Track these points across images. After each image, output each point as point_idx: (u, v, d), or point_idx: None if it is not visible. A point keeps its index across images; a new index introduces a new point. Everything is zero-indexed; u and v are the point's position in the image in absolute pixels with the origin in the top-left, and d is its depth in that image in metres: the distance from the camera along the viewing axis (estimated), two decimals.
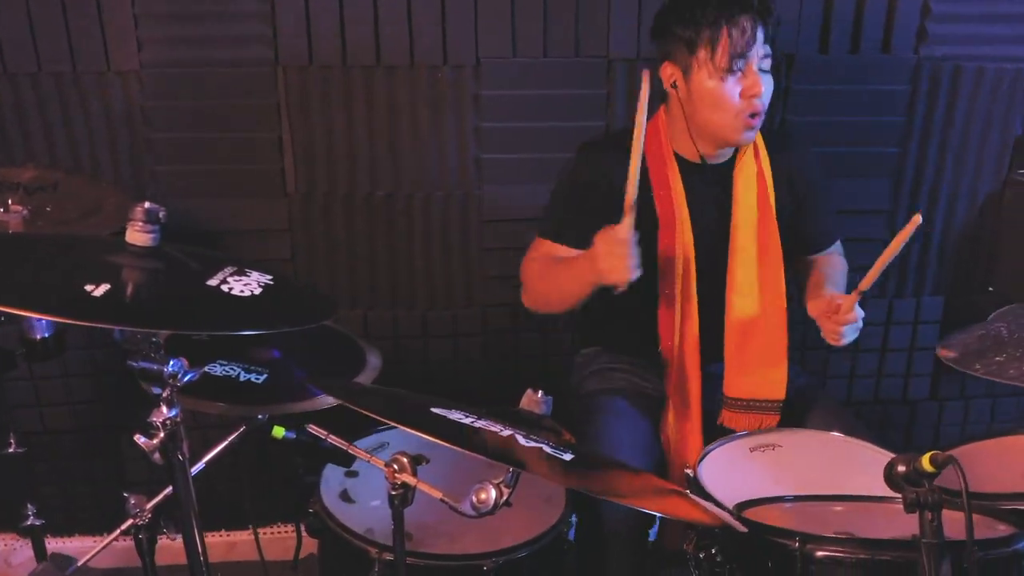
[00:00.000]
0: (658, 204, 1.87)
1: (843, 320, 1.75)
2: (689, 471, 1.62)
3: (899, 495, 1.19)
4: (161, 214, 1.17)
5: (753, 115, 1.78)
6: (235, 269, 1.21)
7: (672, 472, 1.88)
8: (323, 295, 1.39)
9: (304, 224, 2.35)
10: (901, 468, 1.03)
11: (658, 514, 1.25)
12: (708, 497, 1.53)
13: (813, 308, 1.86)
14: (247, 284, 1.16)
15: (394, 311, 2.45)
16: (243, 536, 2.58)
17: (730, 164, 1.92)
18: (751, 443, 1.72)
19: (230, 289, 1.14)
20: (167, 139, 2.24)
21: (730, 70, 1.74)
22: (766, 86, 1.77)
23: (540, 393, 1.10)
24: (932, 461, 1.00)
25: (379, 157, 2.29)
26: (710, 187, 1.91)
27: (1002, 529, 1.22)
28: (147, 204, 1.15)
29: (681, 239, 1.87)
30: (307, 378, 1.24)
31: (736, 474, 1.63)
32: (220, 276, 1.17)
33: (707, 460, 1.67)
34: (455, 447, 0.92)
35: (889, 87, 2.37)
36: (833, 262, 2.06)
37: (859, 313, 1.76)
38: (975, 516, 1.24)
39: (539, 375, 2.55)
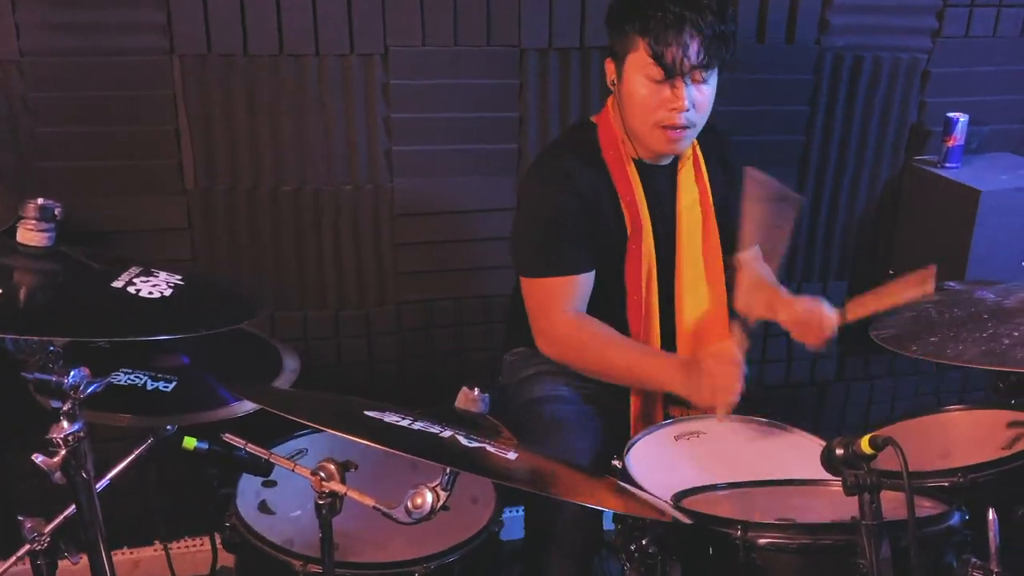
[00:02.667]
0: (626, 210, 1.81)
1: (826, 335, 1.74)
2: (617, 463, 1.60)
3: (829, 478, 1.20)
4: (57, 211, 1.07)
5: (674, 128, 1.72)
6: (141, 270, 1.11)
7: None
8: (243, 293, 1.30)
9: (205, 221, 2.23)
10: (839, 451, 1.03)
11: (608, 510, 1.21)
12: (638, 488, 1.51)
13: (784, 315, 1.81)
14: (156, 285, 1.08)
15: (304, 312, 2.36)
16: (149, 552, 2.44)
17: (674, 166, 1.87)
18: (675, 431, 1.72)
19: (138, 291, 1.04)
20: (53, 133, 2.08)
21: (660, 80, 1.67)
22: (700, 99, 1.71)
23: (477, 391, 1.05)
24: (871, 443, 1.00)
25: (284, 150, 2.20)
26: (661, 189, 1.86)
27: (928, 506, 1.25)
28: (41, 201, 1.04)
29: (646, 244, 1.82)
30: (229, 385, 1.16)
31: (664, 464, 1.62)
32: (126, 277, 1.08)
33: (634, 451, 1.65)
34: (404, 453, 0.86)
35: (793, 76, 2.42)
36: (762, 264, 2.01)
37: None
38: (903, 494, 1.26)
39: (458, 374, 2.49)
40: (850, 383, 2.79)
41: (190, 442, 1.33)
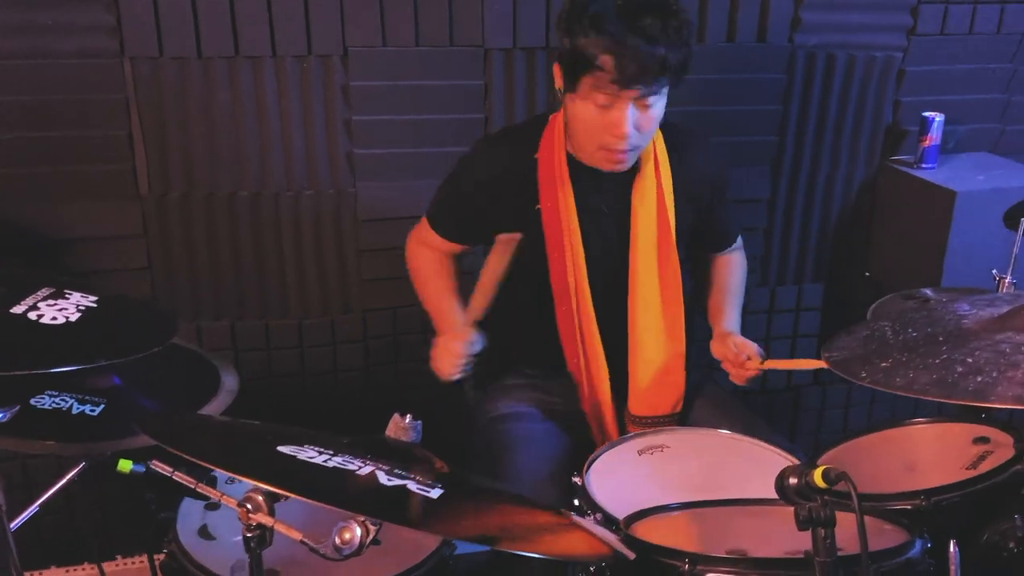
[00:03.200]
0: (545, 214, 1.74)
1: (748, 376, 1.78)
2: (577, 480, 1.55)
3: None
4: None
5: (616, 151, 1.65)
6: (52, 291, 1.05)
7: None
8: (163, 312, 1.23)
9: (161, 228, 2.16)
10: (792, 481, 0.97)
11: (538, 555, 1.14)
12: (596, 507, 1.46)
13: (717, 350, 1.85)
14: (62, 310, 1.01)
15: (266, 320, 2.30)
16: (81, 572, 2.37)
17: (630, 174, 1.75)
18: (639, 445, 1.67)
19: (40, 316, 0.98)
20: (1, 138, 2.02)
21: (599, 104, 1.59)
22: (644, 121, 1.62)
23: (408, 418, 0.99)
24: (824, 477, 0.95)
25: (242, 154, 2.13)
26: (607, 197, 1.77)
27: (888, 529, 1.19)
28: None
29: (572, 255, 1.74)
30: (136, 417, 1.09)
31: (625, 479, 1.57)
32: (29, 301, 1.01)
33: (595, 466, 1.60)
34: (300, 497, 0.80)
35: (765, 75, 2.36)
36: (733, 264, 2.00)
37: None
38: (869, 518, 1.21)
39: (426, 383, 2.43)
40: (827, 387, 2.75)
41: (125, 465, 1.27)
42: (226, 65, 2.06)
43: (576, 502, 1.52)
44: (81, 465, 1.28)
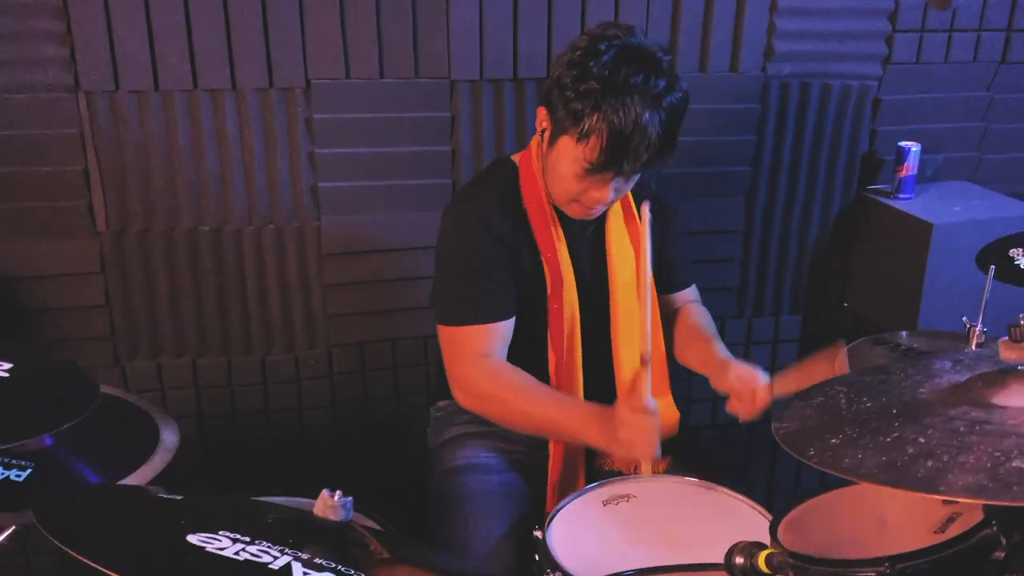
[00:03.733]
0: (547, 266, 1.67)
1: (760, 408, 1.60)
2: (538, 533, 1.49)
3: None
4: None
5: (592, 210, 1.63)
6: None
7: None
8: (83, 375, 1.16)
9: (119, 265, 2.11)
10: (739, 560, 0.93)
11: None
12: (556, 566, 1.41)
13: (720, 384, 1.66)
14: None
15: (228, 357, 2.24)
16: None
17: (602, 216, 1.72)
18: (605, 495, 1.60)
19: None
20: None
21: (586, 176, 1.55)
22: (623, 187, 1.61)
23: (337, 495, 0.92)
24: (768, 562, 0.90)
25: (202, 189, 2.08)
26: (585, 241, 1.73)
27: None
28: None
29: (568, 302, 1.68)
30: (34, 499, 1.01)
31: (588, 533, 1.51)
32: None
33: (558, 519, 1.54)
34: None
35: (739, 106, 2.32)
36: (701, 312, 1.90)
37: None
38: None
39: (394, 419, 2.39)
40: None
41: None
42: (185, 99, 2.01)
43: (537, 557, 1.46)
44: (11, 529, 1.22)
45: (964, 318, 1.62)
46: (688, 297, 1.93)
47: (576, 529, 1.52)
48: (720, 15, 2.22)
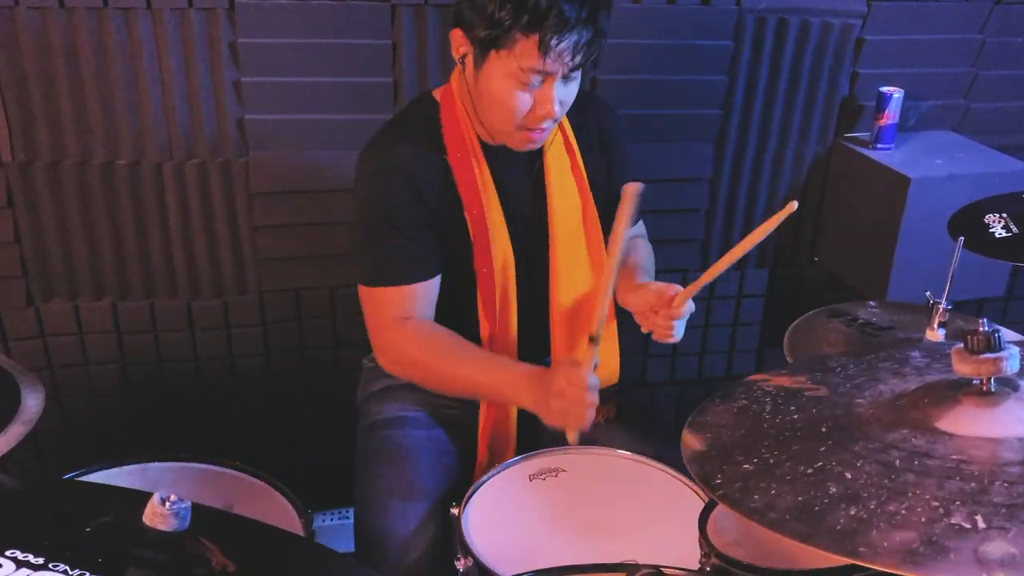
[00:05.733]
0: (471, 224, 1.51)
1: (677, 314, 1.47)
2: (455, 510, 1.37)
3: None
4: None
5: (538, 130, 1.46)
6: None
7: None
8: None
9: (29, 199, 1.94)
10: None
11: None
12: (468, 551, 1.29)
13: (634, 300, 1.52)
14: None
15: (151, 300, 2.09)
16: None
17: (539, 155, 1.56)
18: (532, 468, 1.49)
19: None
20: None
21: (528, 82, 1.39)
22: (567, 96, 1.44)
23: (169, 502, 0.78)
24: None
25: (116, 119, 1.90)
26: (520, 177, 1.57)
27: None
28: None
29: (498, 241, 1.53)
30: None
31: (508, 513, 1.39)
32: None
33: (478, 495, 1.42)
34: None
35: (710, 42, 2.14)
36: (639, 247, 1.77)
37: (690, 307, 1.49)
38: None
39: (332, 371, 2.25)
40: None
41: None
42: (93, 17, 1.81)
43: (455, 538, 1.35)
44: None
45: (928, 293, 1.48)
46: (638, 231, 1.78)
47: (496, 508, 1.40)
48: None
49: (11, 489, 0.83)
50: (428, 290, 1.53)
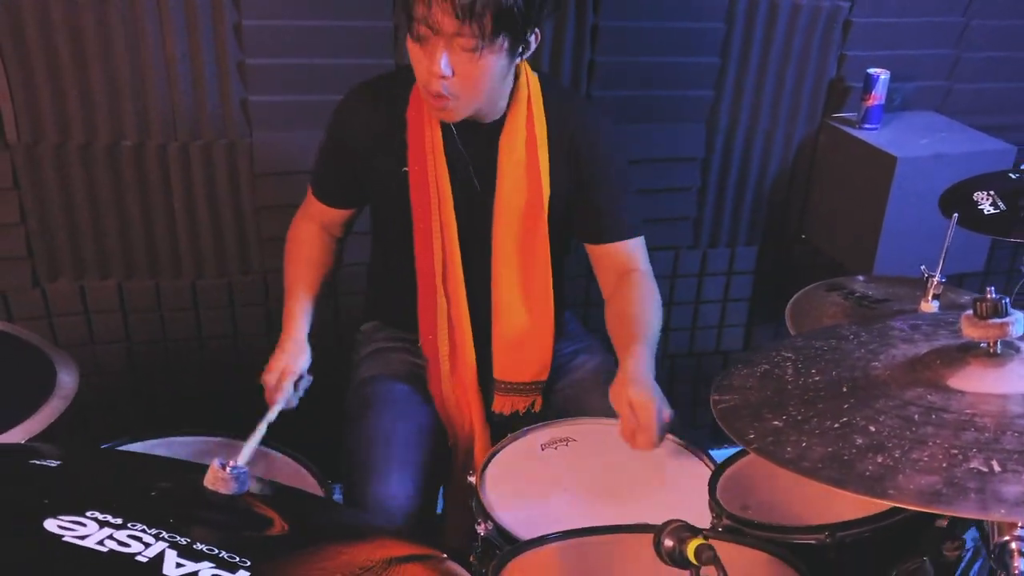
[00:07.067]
0: (411, 178, 1.58)
1: (651, 439, 1.40)
2: (472, 479, 1.43)
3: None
4: None
5: (434, 96, 1.45)
6: None
7: (456, 470, 1.71)
8: None
9: (34, 180, 1.95)
10: (668, 543, 0.86)
11: None
12: (488, 517, 1.34)
13: (611, 400, 1.46)
14: None
15: (156, 280, 2.11)
16: None
17: (498, 125, 1.58)
18: (544, 438, 1.54)
19: None
20: None
21: (417, 36, 1.41)
22: (463, 70, 1.41)
23: (229, 467, 0.83)
24: (697, 554, 0.83)
25: (121, 100, 1.92)
26: (475, 154, 1.60)
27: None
28: None
29: (442, 221, 1.59)
30: None
31: (524, 481, 1.44)
32: None
33: (494, 463, 1.48)
34: None
35: (702, 24, 2.19)
36: (638, 287, 1.64)
37: (663, 416, 1.41)
38: (764, 555, 1.11)
39: (336, 349, 2.28)
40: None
41: None
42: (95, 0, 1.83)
43: (473, 505, 1.40)
44: None
45: (923, 267, 1.54)
46: (632, 259, 1.68)
47: (511, 476, 1.46)
48: None
49: (69, 457, 0.87)
50: (330, 216, 1.74)
